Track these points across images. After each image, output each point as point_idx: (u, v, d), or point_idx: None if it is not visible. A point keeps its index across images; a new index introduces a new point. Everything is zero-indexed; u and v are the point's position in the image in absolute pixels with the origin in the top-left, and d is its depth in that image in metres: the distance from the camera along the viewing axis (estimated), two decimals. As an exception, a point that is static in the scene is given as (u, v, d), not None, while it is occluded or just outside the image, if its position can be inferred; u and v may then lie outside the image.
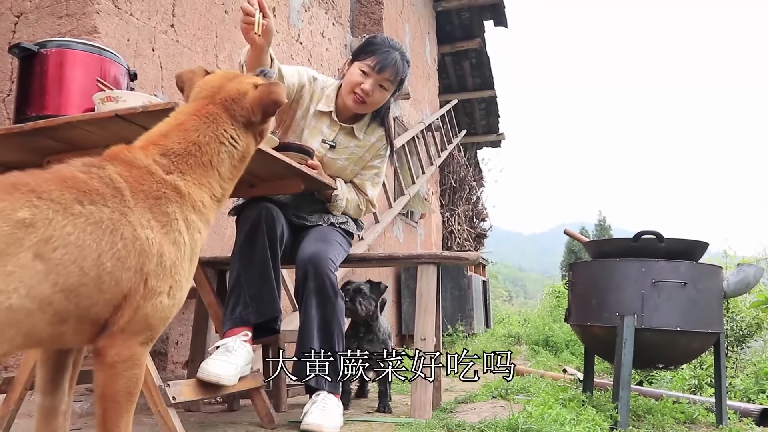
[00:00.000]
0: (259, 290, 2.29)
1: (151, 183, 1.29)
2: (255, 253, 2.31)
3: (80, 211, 1.16)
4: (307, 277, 2.32)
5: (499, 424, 2.09)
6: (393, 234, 6.81)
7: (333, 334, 2.32)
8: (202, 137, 1.42)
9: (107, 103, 1.73)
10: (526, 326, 8.19)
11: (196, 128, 1.42)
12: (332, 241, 2.45)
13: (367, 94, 2.52)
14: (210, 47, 3.49)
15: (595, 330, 2.82)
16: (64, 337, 1.18)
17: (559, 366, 5.18)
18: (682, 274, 2.63)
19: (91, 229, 1.16)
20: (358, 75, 2.52)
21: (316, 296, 2.30)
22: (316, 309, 2.30)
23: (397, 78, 2.55)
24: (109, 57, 1.91)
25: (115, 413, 1.23)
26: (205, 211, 1.40)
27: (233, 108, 1.48)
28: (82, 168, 1.24)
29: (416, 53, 8.16)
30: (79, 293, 1.14)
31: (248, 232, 2.33)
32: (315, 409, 2.17)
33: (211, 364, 2.08)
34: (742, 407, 3.07)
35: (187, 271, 1.34)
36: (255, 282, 2.29)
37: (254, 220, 2.33)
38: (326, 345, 2.31)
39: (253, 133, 1.53)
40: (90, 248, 1.15)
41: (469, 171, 10.54)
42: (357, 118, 2.66)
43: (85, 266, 1.14)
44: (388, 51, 2.51)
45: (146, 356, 1.29)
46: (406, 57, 2.58)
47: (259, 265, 2.31)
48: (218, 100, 1.48)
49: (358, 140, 2.66)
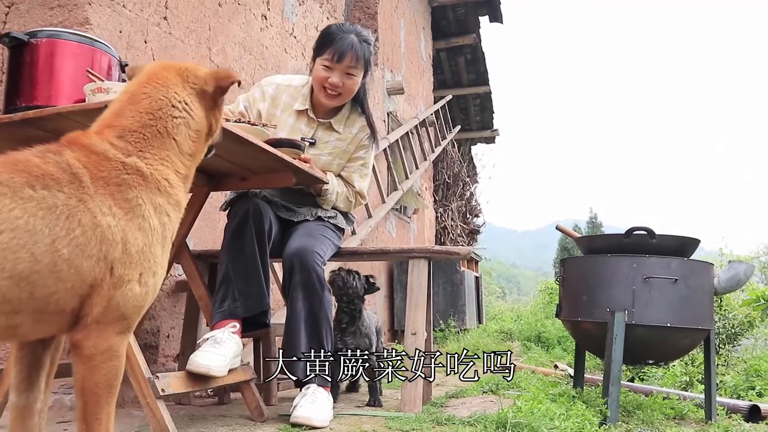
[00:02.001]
0: (247, 285, 2.29)
1: (110, 169, 1.26)
2: (243, 248, 2.31)
3: (31, 195, 1.13)
4: (293, 270, 2.32)
5: (489, 419, 2.09)
6: (386, 229, 6.80)
7: (321, 327, 2.32)
8: (153, 102, 1.38)
9: (98, 95, 1.71)
10: (518, 322, 8.20)
11: (147, 95, 1.39)
12: (320, 236, 2.45)
13: (337, 87, 2.51)
14: (203, 40, 3.47)
15: (585, 326, 2.83)
16: (20, 329, 1.15)
17: (550, 362, 5.20)
18: (674, 270, 2.64)
19: (43, 214, 1.13)
20: (322, 70, 2.51)
21: (302, 290, 2.30)
22: (303, 302, 2.31)
23: (359, 61, 2.50)
24: (101, 48, 1.90)
25: (95, 406, 1.22)
26: (173, 192, 1.36)
27: (186, 74, 1.45)
28: (38, 153, 1.22)
29: (411, 49, 8.14)
30: (31, 281, 1.11)
31: (236, 227, 2.34)
32: (305, 402, 2.17)
33: (199, 356, 2.08)
34: (731, 403, 3.09)
35: (160, 257, 1.31)
36: (243, 277, 2.30)
37: (242, 216, 2.34)
38: (314, 338, 2.31)
39: (207, 109, 1.48)
40: (41, 234, 1.12)
41: (463, 167, 10.53)
42: (335, 111, 2.65)
43: (36, 252, 1.11)
44: (343, 37, 2.48)
45: (125, 347, 1.28)
46: (363, 36, 2.54)
47: (247, 260, 2.31)
48: (171, 67, 1.45)
49: (339, 134, 2.64)
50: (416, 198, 7.92)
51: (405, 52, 7.85)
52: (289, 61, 4.47)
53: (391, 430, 2.15)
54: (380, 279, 6.49)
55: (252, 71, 3.93)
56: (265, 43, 4.12)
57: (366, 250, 2.91)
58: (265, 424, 2.24)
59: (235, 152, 2.06)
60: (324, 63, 2.50)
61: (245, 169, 2.31)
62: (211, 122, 1.50)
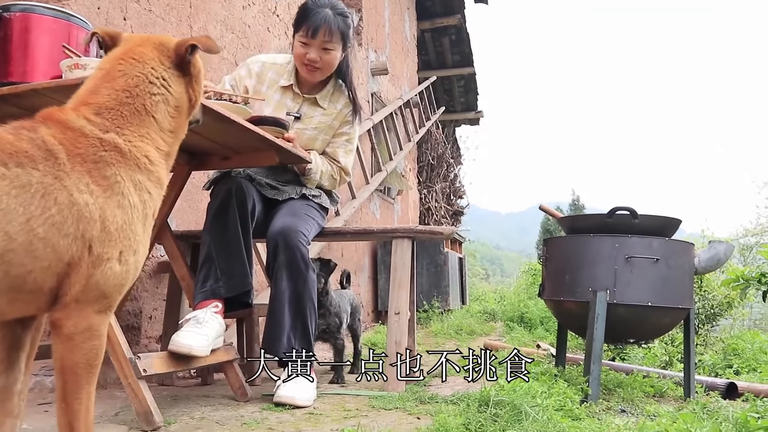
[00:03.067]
0: (230, 264, 2.29)
1: (87, 146, 1.23)
2: (226, 228, 2.30)
3: (3, 174, 1.10)
4: (277, 250, 2.31)
5: (472, 397, 2.11)
6: (370, 210, 6.79)
7: (305, 307, 2.32)
8: (130, 80, 1.34)
9: (75, 71, 1.68)
10: (502, 303, 8.26)
11: (123, 72, 1.35)
12: (304, 216, 2.45)
13: (315, 62, 2.53)
14: (184, 17, 3.41)
15: (568, 305, 2.85)
16: None
17: (533, 342, 5.24)
18: (655, 250, 2.66)
19: (16, 192, 1.11)
20: (300, 47, 2.52)
21: (286, 269, 2.30)
22: (287, 282, 2.30)
23: (334, 34, 2.50)
24: (77, 23, 1.86)
25: (75, 385, 1.21)
26: (153, 169, 1.34)
27: (163, 47, 1.41)
28: (11, 130, 1.18)
29: (395, 29, 8.08)
30: (6, 260, 1.09)
31: (219, 206, 2.33)
32: (288, 382, 2.18)
33: (181, 335, 2.07)
34: (709, 381, 3.14)
35: (141, 234, 1.29)
36: (225, 256, 2.29)
37: (225, 195, 2.33)
38: (298, 318, 2.31)
39: (186, 83, 1.44)
40: (16, 212, 1.10)
41: (447, 148, 10.53)
42: (320, 87, 2.67)
43: (10, 231, 1.09)
44: (317, 12, 2.48)
45: (106, 326, 1.26)
46: (338, 9, 2.54)
47: (229, 239, 2.30)
48: (147, 42, 1.41)
49: (324, 109, 2.66)
50: (400, 179, 7.91)
51: (389, 32, 7.78)
52: (272, 40, 4.41)
53: (374, 408, 2.17)
54: (364, 260, 6.49)
55: (234, 50, 3.87)
56: (247, 22, 4.06)
57: (349, 230, 2.90)
58: (248, 404, 2.24)
59: (216, 131, 2.03)
60: (301, 39, 2.52)
61: (227, 147, 2.28)
62: (191, 96, 1.47)
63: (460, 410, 2.02)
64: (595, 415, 2.35)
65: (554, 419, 1.92)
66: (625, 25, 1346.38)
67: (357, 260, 6.27)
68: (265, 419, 1.99)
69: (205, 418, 2.00)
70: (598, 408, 2.48)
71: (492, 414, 1.93)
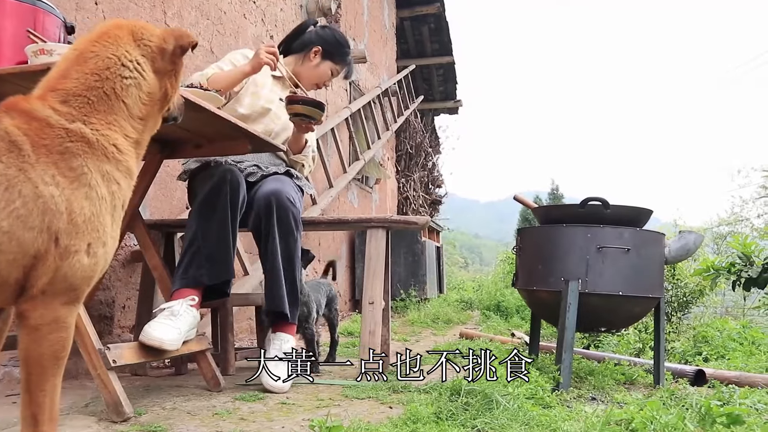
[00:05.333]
0: (216, 250, 2.27)
1: (53, 136, 1.21)
2: (215, 213, 2.28)
3: None
4: (270, 208, 2.35)
5: (444, 386, 2.12)
6: (347, 199, 6.79)
7: (295, 267, 2.40)
8: (101, 62, 1.31)
9: (40, 56, 1.64)
10: (479, 292, 8.32)
11: (95, 53, 1.32)
12: (291, 185, 2.51)
13: (326, 86, 2.89)
14: (158, 3, 3.36)
15: (541, 294, 2.88)
16: None
17: (508, 330, 5.30)
18: (626, 240, 2.70)
19: None
20: (328, 75, 2.82)
21: (279, 227, 2.35)
22: (280, 240, 2.35)
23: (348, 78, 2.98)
24: (43, 8, 1.81)
25: (40, 377, 1.19)
26: (122, 158, 1.31)
27: (140, 33, 1.39)
28: None
29: (374, 17, 8.04)
30: None
31: (210, 191, 2.30)
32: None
33: (154, 327, 2.05)
34: (679, 369, 3.20)
35: (109, 226, 1.28)
36: (212, 241, 2.27)
37: (218, 180, 2.30)
38: (288, 277, 2.37)
39: (163, 72, 1.42)
40: None
41: (426, 137, 10.54)
42: None
43: None
44: (350, 60, 2.89)
45: (73, 318, 1.25)
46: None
47: (218, 224, 2.28)
48: (124, 25, 1.39)
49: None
50: (378, 168, 7.90)
51: (368, 20, 7.75)
52: (249, 27, 4.37)
53: (347, 398, 2.17)
54: (342, 249, 6.49)
55: (209, 37, 3.82)
56: (223, 8, 4.01)
57: (324, 220, 2.89)
58: (221, 393, 2.24)
59: (188, 118, 1.99)
60: (334, 70, 2.82)
61: (199, 135, 2.26)
62: (166, 87, 1.44)
63: (432, 399, 2.03)
64: (566, 402, 2.39)
65: (525, 407, 1.95)
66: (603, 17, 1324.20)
67: (334, 249, 6.27)
68: (237, 409, 1.99)
69: (177, 409, 1.99)
70: (569, 396, 2.52)
71: (463, 403, 1.94)
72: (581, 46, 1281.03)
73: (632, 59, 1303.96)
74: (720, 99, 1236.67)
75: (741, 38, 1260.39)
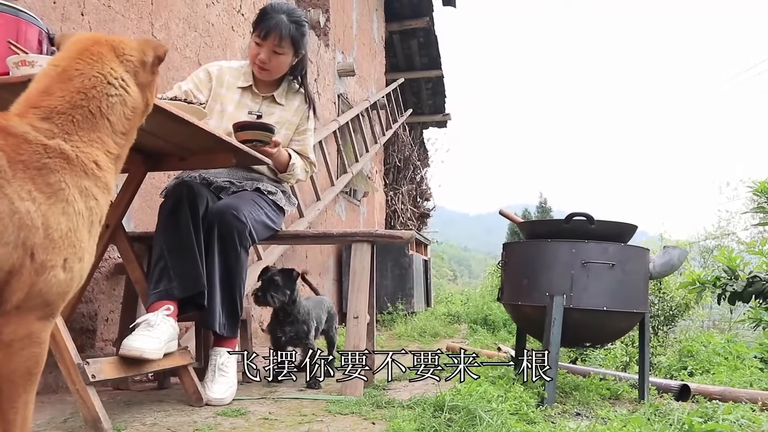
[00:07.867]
0: (183, 265, 2.28)
1: (30, 152, 1.19)
2: (178, 228, 2.32)
3: None
4: (212, 225, 2.37)
5: (427, 402, 2.11)
6: (335, 212, 6.77)
7: (234, 285, 2.39)
8: (87, 81, 1.31)
9: (22, 68, 1.63)
10: (467, 305, 8.32)
11: (80, 71, 1.32)
12: (249, 201, 2.51)
13: (264, 63, 2.66)
14: (145, 14, 3.36)
15: (526, 309, 2.87)
16: None
17: (495, 344, 5.29)
18: (611, 255, 2.70)
19: None
20: (254, 47, 2.67)
21: (218, 243, 2.36)
22: (218, 256, 2.36)
23: (284, 39, 2.62)
24: (26, 18, 1.80)
25: (12, 393, 1.17)
26: (101, 174, 1.31)
27: (121, 47, 1.39)
28: None
29: (363, 30, 8.08)
30: None
31: (171, 207, 2.35)
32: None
33: (132, 339, 2.03)
34: (664, 383, 3.19)
35: (86, 241, 1.27)
36: (178, 257, 2.29)
37: (177, 196, 2.36)
38: (226, 295, 2.38)
39: (144, 84, 1.43)
40: None
41: (414, 150, 10.57)
42: (275, 85, 2.81)
43: None
44: (272, 16, 2.61)
45: (47, 333, 1.23)
46: (294, 17, 2.66)
47: (182, 239, 2.31)
48: (104, 41, 1.38)
49: (282, 105, 2.80)
50: (366, 181, 7.90)
51: (357, 34, 7.78)
52: (237, 40, 4.37)
53: (330, 413, 2.16)
54: (329, 262, 6.47)
55: (197, 48, 3.82)
56: (211, 20, 4.02)
57: (308, 234, 2.89)
58: (203, 409, 2.21)
59: (172, 131, 2.00)
60: (255, 39, 2.66)
61: (183, 148, 2.25)
62: (147, 98, 1.46)
63: (415, 415, 2.02)
64: (550, 418, 2.38)
65: (509, 423, 1.93)
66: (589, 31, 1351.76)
67: (322, 262, 6.25)
68: (218, 425, 1.97)
69: (157, 424, 1.96)
70: (553, 411, 2.50)
71: (446, 419, 1.93)
72: (568, 61, 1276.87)
73: (620, 73, 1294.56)
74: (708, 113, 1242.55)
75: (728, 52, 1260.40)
